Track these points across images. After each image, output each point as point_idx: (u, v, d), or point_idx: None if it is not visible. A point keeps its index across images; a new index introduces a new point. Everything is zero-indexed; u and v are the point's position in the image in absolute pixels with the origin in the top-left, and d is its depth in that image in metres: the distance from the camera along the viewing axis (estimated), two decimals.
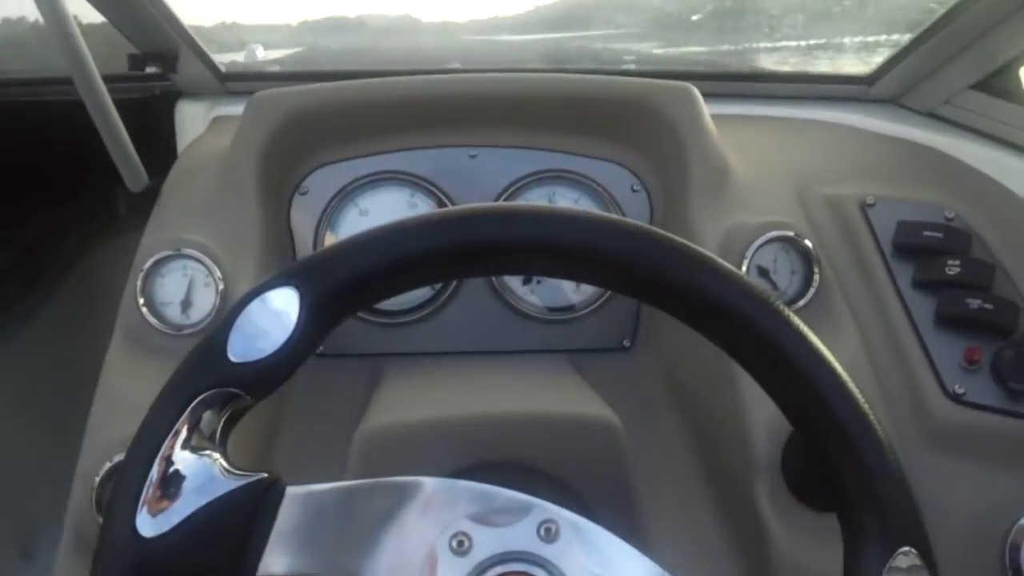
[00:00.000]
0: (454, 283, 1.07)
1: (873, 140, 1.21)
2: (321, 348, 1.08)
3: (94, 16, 1.18)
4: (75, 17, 0.91)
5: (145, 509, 0.45)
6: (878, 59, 1.27)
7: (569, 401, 0.94)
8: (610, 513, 0.84)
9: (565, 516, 0.49)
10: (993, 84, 1.14)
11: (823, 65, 1.40)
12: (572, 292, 1.09)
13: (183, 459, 0.46)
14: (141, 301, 0.93)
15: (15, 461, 1.58)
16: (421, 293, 1.07)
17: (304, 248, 1.07)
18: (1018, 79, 1.11)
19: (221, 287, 0.94)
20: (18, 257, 1.68)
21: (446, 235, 0.51)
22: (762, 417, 0.88)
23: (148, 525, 0.44)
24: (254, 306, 0.49)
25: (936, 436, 0.91)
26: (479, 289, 1.08)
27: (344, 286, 0.50)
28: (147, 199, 1.06)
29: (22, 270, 1.69)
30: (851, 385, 0.49)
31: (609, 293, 1.09)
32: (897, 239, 1.01)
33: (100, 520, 0.71)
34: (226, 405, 0.49)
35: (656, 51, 1.54)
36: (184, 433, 0.46)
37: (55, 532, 0.84)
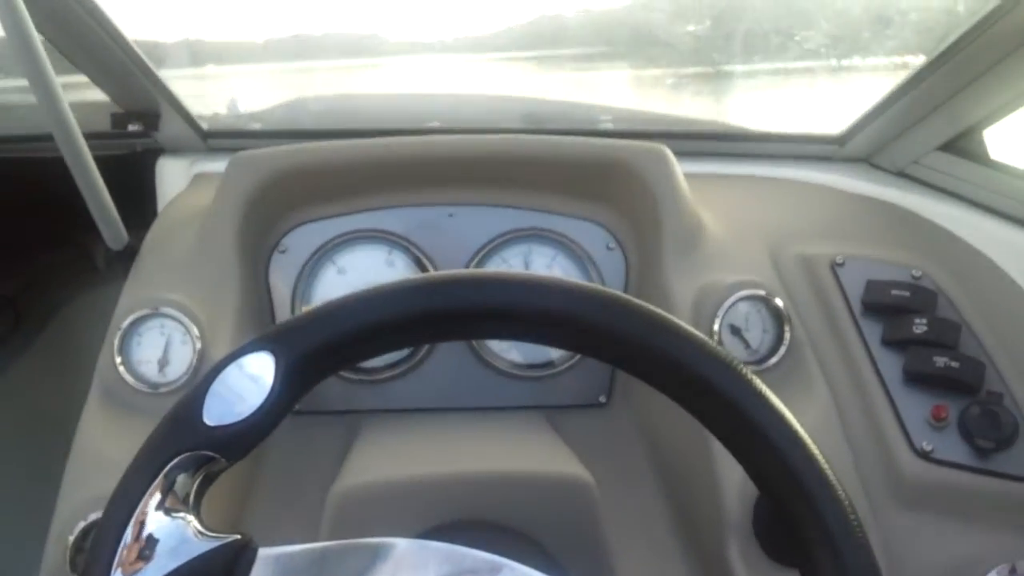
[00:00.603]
0: None
1: (844, 199, 1.23)
2: (297, 405, 1.08)
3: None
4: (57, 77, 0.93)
5: (120, 571, 0.46)
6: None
7: (544, 460, 0.95)
8: (582, 571, 0.85)
9: (530, 573, 0.49)
10: (960, 145, 1.16)
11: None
12: (549, 349, 1.10)
13: (157, 521, 0.47)
14: (119, 359, 0.94)
15: None
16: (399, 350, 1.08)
17: (282, 306, 1.08)
18: (982, 141, 1.14)
19: (199, 346, 0.94)
20: None
21: (419, 302, 0.52)
22: (734, 475, 0.89)
23: None
24: (230, 370, 0.50)
25: (905, 493, 0.92)
26: (456, 346, 1.09)
27: (319, 351, 0.51)
28: (127, 252, 1.07)
29: (1, 321, 1.69)
30: (812, 447, 0.51)
31: None
32: (866, 298, 1.02)
33: None
34: (200, 468, 0.49)
35: (631, 109, 1.57)
36: (159, 495, 0.47)
37: None
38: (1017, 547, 0.90)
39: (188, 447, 0.49)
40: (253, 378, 0.50)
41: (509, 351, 1.10)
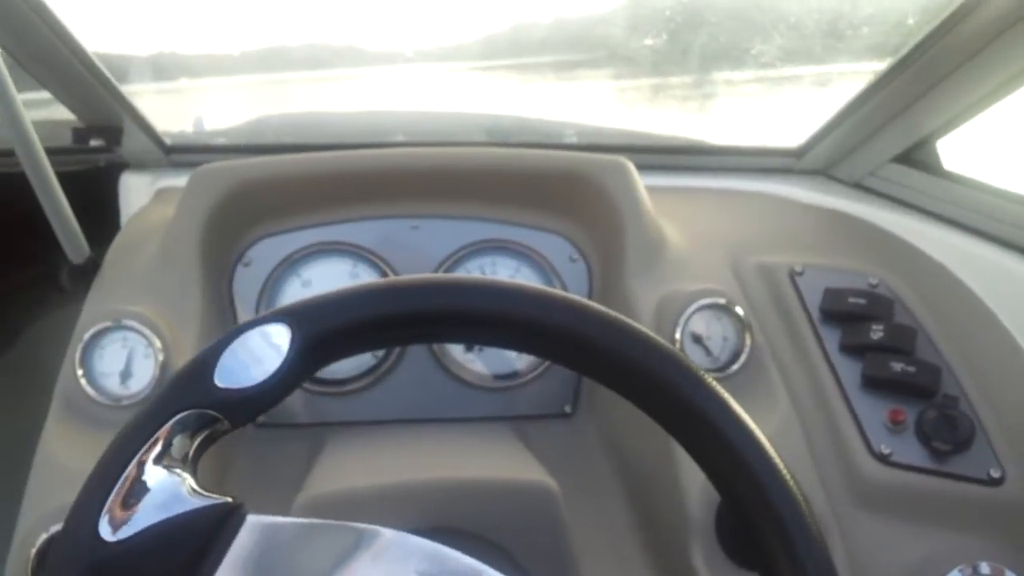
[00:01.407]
0: (396, 351, 1.08)
1: (802, 210, 1.26)
2: (261, 418, 1.08)
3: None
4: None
5: (108, 514, 0.46)
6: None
7: (509, 468, 0.95)
8: None
9: None
10: (913, 156, 1.19)
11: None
12: (515, 359, 1.11)
13: (153, 473, 0.47)
14: (80, 372, 0.93)
15: None
16: (363, 361, 1.08)
17: (246, 318, 1.07)
18: (936, 152, 1.16)
19: (161, 358, 0.94)
20: None
21: (441, 301, 0.53)
22: (696, 481, 0.90)
23: (108, 529, 0.46)
24: (246, 336, 0.51)
25: (864, 495, 0.93)
26: (421, 357, 1.10)
27: (335, 332, 0.52)
28: (89, 266, 1.06)
29: None
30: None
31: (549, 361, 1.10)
32: (824, 305, 1.04)
33: None
34: (203, 428, 0.50)
35: (594, 125, 1.58)
36: (159, 448, 0.48)
37: None
38: (975, 547, 0.91)
39: (195, 404, 0.49)
40: (268, 347, 0.50)
41: (474, 362, 1.10)
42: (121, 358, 0.95)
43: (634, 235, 1.06)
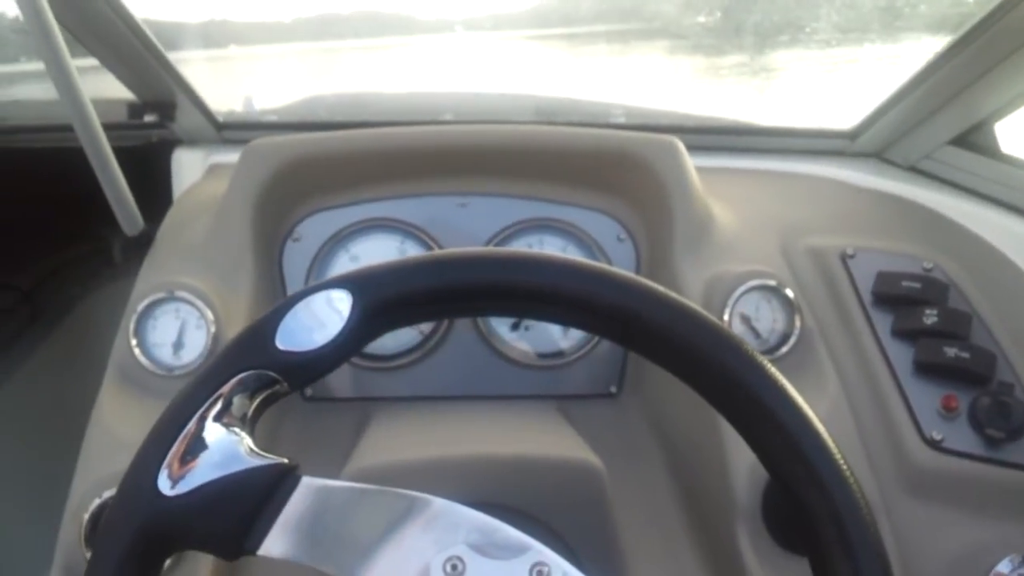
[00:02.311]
0: (443, 328, 1.09)
1: (855, 193, 1.24)
2: (309, 391, 1.09)
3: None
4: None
5: (168, 469, 0.47)
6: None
7: (554, 445, 0.95)
8: (593, 556, 0.85)
9: (558, 563, 0.49)
10: (970, 139, 1.17)
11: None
12: (560, 339, 1.11)
13: (213, 431, 0.49)
14: (134, 342, 0.95)
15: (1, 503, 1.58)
16: (409, 337, 1.09)
17: None
18: (993, 135, 1.14)
19: (213, 330, 0.95)
20: (15, 301, 1.70)
21: (499, 274, 0.54)
22: (744, 463, 0.89)
23: (167, 484, 0.47)
24: (308, 301, 0.52)
25: (914, 481, 0.92)
26: (467, 334, 1.10)
27: (396, 300, 0.53)
28: (142, 247, 1.08)
29: (18, 314, 1.71)
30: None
31: (596, 340, 1.10)
32: (877, 289, 1.03)
33: (88, 556, 0.72)
34: (262, 389, 0.51)
35: (644, 107, 1.57)
36: (220, 406, 0.49)
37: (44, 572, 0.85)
38: None
39: (256, 365, 0.50)
40: (329, 313, 0.51)
41: (520, 340, 1.10)
42: (174, 329, 0.97)
43: (683, 215, 1.05)
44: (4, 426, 1.61)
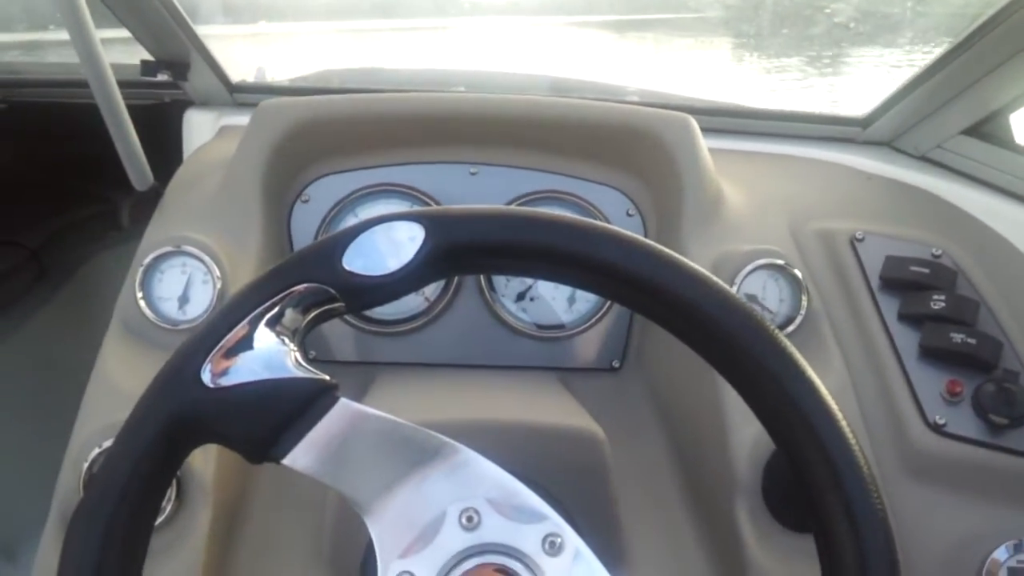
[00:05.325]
0: (448, 295, 1.09)
1: (865, 179, 1.23)
2: (313, 353, 1.09)
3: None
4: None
5: (212, 363, 0.48)
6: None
7: (556, 413, 0.95)
8: (591, 524, 0.85)
9: (572, 537, 0.50)
10: (984, 130, 1.16)
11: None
12: (563, 311, 1.11)
13: (263, 335, 0.49)
14: (140, 294, 0.95)
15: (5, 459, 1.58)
16: (415, 304, 1.09)
17: None
18: (1007, 126, 1.14)
19: (219, 285, 0.95)
20: (22, 260, 1.70)
21: (567, 240, 0.53)
22: (745, 439, 0.89)
23: (209, 375, 0.48)
24: (382, 228, 0.52)
25: (916, 465, 0.92)
26: (472, 303, 1.10)
27: (466, 244, 0.53)
28: (151, 194, 1.08)
29: (24, 273, 1.71)
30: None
31: (600, 314, 1.10)
32: (884, 273, 1.02)
33: None
34: (319, 305, 0.51)
35: (659, 89, 1.56)
36: (274, 312, 0.50)
37: (39, 532, 0.84)
38: None
39: (319, 279, 0.51)
40: (399, 243, 0.51)
41: (524, 311, 1.10)
42: (180, 283, 0.96)
43: (693, 193, 1.05)
44: (5, 382, 1.62)
